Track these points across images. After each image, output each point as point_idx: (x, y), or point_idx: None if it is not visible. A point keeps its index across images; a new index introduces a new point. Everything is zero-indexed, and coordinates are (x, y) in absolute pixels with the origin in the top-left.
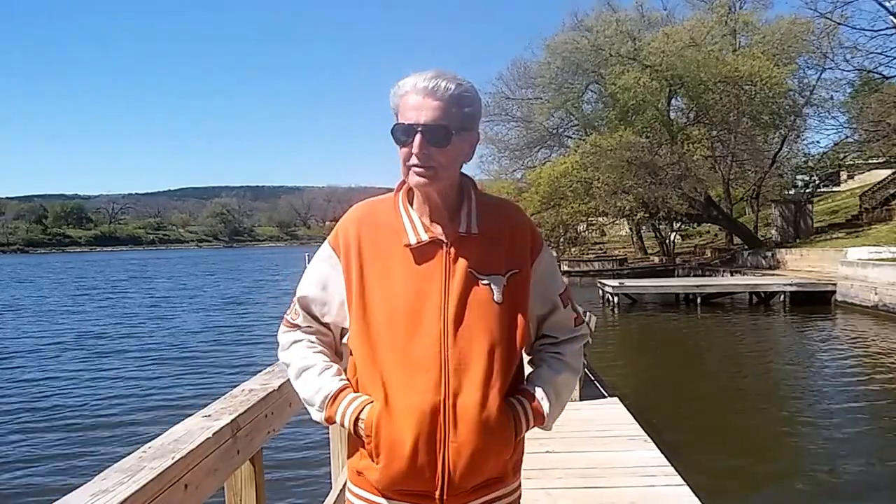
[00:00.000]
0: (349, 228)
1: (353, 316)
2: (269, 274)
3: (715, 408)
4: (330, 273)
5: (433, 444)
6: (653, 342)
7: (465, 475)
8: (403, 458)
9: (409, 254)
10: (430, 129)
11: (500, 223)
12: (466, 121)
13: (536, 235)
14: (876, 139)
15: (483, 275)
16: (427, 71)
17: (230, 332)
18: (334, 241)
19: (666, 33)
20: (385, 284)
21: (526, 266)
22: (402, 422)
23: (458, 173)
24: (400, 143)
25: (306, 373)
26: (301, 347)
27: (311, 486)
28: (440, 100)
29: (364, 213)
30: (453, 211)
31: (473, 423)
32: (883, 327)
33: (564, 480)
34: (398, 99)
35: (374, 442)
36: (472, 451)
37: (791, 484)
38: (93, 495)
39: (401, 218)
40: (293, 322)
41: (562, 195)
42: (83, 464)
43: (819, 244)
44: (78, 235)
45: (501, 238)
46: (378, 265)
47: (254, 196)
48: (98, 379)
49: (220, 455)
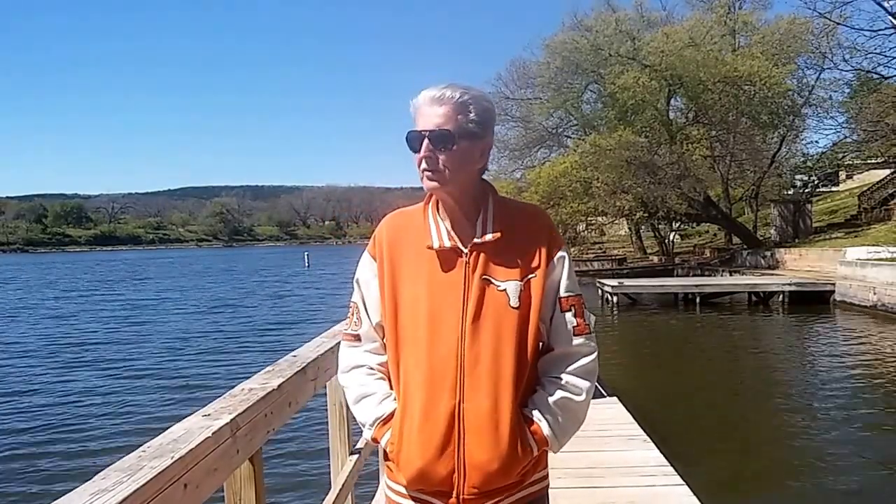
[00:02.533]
0: (382, 234)
1: (386, 317)
2: (265, 276)
3: (714, 407)
4: (371, 278)
5: (449, 447)
6: (652, 342)
7: (477, 479)
8: (420, 460)
9: (433, 259)
10: (434, 134)
11: (518, 228)
12: (473, 127)
13: (555, 238)
14: (874, 139)
15: (500, 280)
16: (441, 84)
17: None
18: (371, 248)
19: (665, 33)
20: (411, 289)
21: (542, 270)
22: (419, 425)
23: (472, 179)
24: (413, 150)
25: (365, 400)
26: (361, 374)
27: (310, 485)
28: (445, 106)
29: (395, 219)
30: (471, 218)
31: (484, 431)
32: (882, 327)
33: (564, 480)
34: (413, 111)
35: (396, 446)
36: (482, 457)
37: (790, 483)
38: (93, 494)
39: (428, 224)
40: (355, 333)
41: (561, 195)
42: (83, 463)
43: (818, 244)
44: (78, 235)
45: (519, 243)
46: (407, 269)
47: (253, 196)
48: (98, 378)
49: (220, 454)
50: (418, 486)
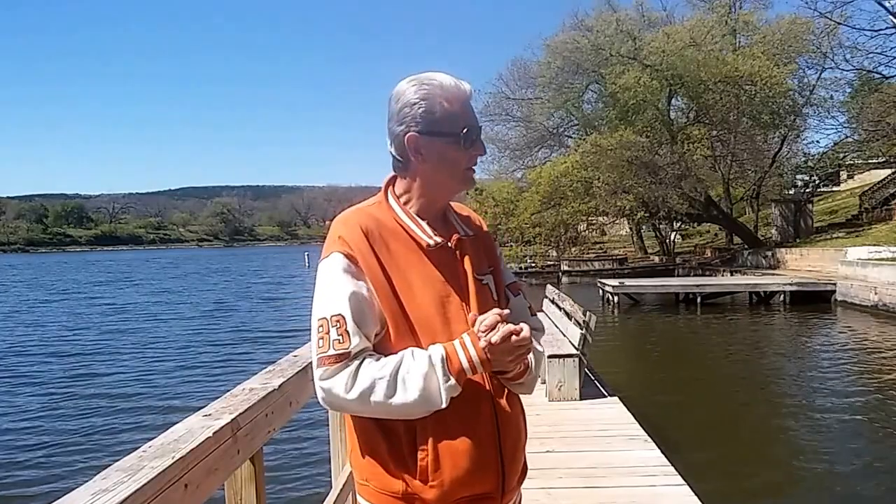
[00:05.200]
0: (357, 235)
1: (392, 320)
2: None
3: (715, 407)
4: (357, 281)
5: (494, 443)
6: (653, 342)
7: (515, 467)
8: (471, 463)
9: (422, 257)
10: (480, 130)
11: (473, 225)
12: None
13: (491, 234)
14: (875, 139)
15: (481, 274)
16: (438, 73)
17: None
18: (346, 250)
19: (666, 33)
20: (409, 287)
21: (497, 262)
22: (464, 427)
23: None
24: (468, 147)
25: (400, 374)
26: (369, 368)
27: (311, 485)
28: (471, 101)
29: (365, 219)
30: (444, 215)
31: (515, 417)
32: (883, 327)
33: (564, 480)
34: (443, 101)
35: (430, 455)
36: (516, 443)
37: (791, 483)
38: (94, 494)
39: (404, 222)
40: (341, 351)
41: (562, 195)
42: (84, 463)
43: (819, 244)
44: (78, 235)
45: (479, 238)
46: (396, 269)
47: (254, 196)
48: (97, 378)
49: (221, 454)
50: (461, 495)
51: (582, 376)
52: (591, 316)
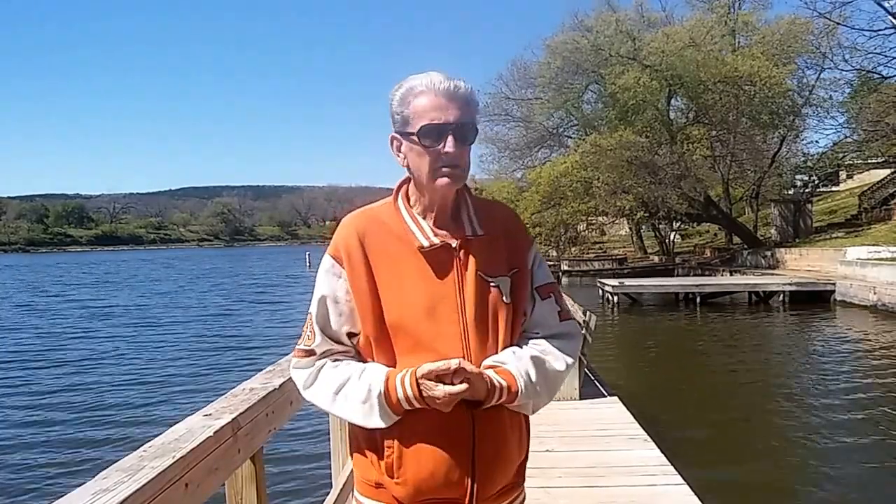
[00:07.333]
0: (349, 237)
1: (369, 322)
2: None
3: (715, 407)
4: (337, 282)
5: (467, 451)
6: (652, 341)
7: (491, 479)
8: (435, 467)
9: (420, 258)
10: (460, 127)
11: (497, 224)
12: (477, 120)
13: (527, 233)
14: (875, 139)
15: (491, 276)
16: (430, 73)
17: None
18: (335, 251)
19: (666, 33)
20: (398, 290)
21: (523, 264)
22: (432, 432)
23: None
24: (427, 146)
25: (346, 387)
26: (327, 371)
27: (311, 484)
28: (461, 99)
29: (364, 221)
30: (455, 214)
31: (501, 431)
32: (882, 326)
33: (564, 480)
34: (412, 100)
35: (395, 453)
36: (498, 455)
37: (791, 483)
38: (94, 494)
39: (406, 223)
40: (308, 348)
41: (562, 195)
42: (84, 463)
43: (818, 244)
44: (79, 235)
45: (500, 239)
46: (388, 271)
47: (254, 196)
48: (98, 377)
49: (221, 454)
50: (426, 497)
51: (582, 376)
52: (591, 316)
